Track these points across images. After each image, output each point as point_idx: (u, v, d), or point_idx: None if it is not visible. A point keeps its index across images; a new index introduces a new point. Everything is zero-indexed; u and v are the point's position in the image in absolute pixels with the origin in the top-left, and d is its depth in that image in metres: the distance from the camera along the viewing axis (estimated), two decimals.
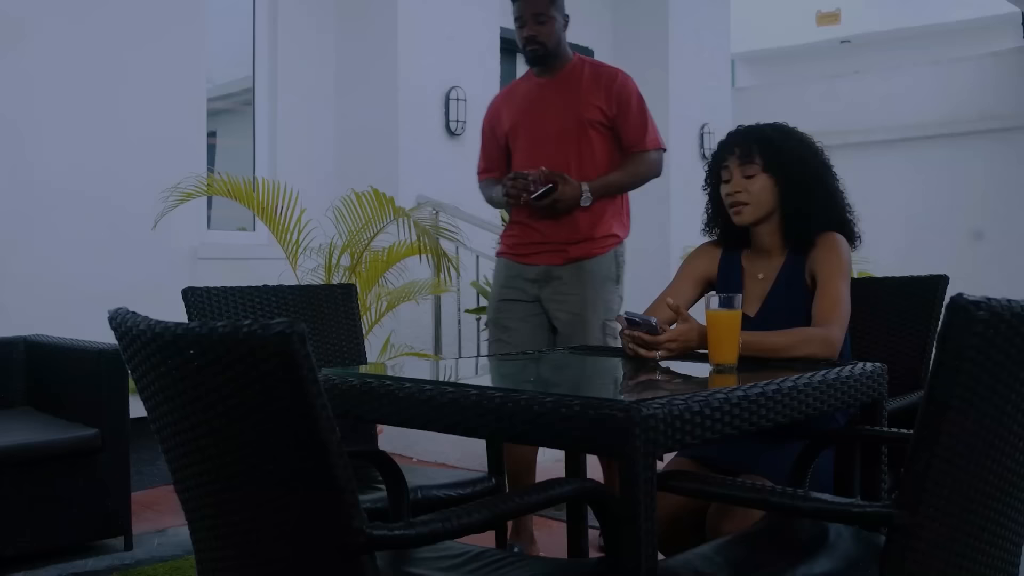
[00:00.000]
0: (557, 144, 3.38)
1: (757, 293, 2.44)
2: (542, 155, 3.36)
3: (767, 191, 2.39)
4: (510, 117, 3.50)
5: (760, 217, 2.41)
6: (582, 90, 3.42)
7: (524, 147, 3.45)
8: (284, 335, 1.21)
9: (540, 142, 3.41)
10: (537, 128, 3.45)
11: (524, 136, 3.47)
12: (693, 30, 7.26)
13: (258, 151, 5.55)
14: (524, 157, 3.43)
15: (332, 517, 1.27)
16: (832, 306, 2.28)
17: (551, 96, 3.45)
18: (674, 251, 7.16)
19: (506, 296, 3.45)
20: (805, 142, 2.46)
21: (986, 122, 7.85)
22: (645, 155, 3.52)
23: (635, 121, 3.46)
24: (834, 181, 2.45)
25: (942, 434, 1.37)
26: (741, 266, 2.50)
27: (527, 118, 3.48)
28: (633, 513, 1.43)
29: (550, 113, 3.43)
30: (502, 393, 1.63)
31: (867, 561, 1.75)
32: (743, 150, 2.41)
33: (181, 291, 2.78)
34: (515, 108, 3.52)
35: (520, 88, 3.59)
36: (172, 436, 1.48)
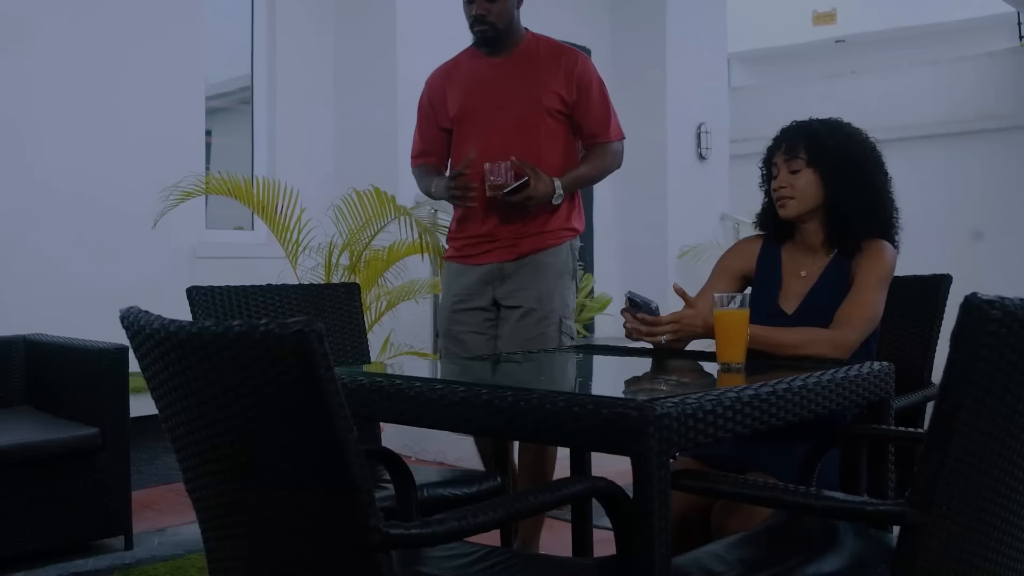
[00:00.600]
0: (515, 133, 3.08)
1: (797, 290, 2.43)
2: (496, 145, 3.06)
3: (812, 186, 2.38)
4: (458, 99, 3.17)
5: (804, 211, 2.40)
6: (540, 73, 3.14)
7: (475, 134, 3.12)
8: (302, 334, 1.21)
9: (495, 130, 3.10)
10: (491, 114, 3.13)
11: (476, 122, 3.14)
12: (691, 30, 7.27)
13: (257, 150, 5.54)
14: (475, 146, 3.09)
15: (348, 516, 1.27)
16: (854, 311, 2.28)
17: (506, 78, 3.14)
18: (671, 251, 7.17)
19: (459, 306, 3.17)
20: (856, 139, 2.42)
21: (983, 122, 7.87)
22: (609, 146, 3.23)
23: (597, 109, 3.18)
24: (883, 181, 2.41)
25: (955, 433, 1.37)
26: (781, 261, 2.50)
27: (479, 102, 3.15)
28: (647, 512, 1.43)
29: (506, 98, 3.12)
30: (513, 392, 1.63)
31: (875, 559, 1.75)
32: (789, 145, 2.41)
33: (185, 290, 2.77)
34: (463, 89, 3.18)
35: (466, 66, 3.23)
36: (185, 435, 1.47)
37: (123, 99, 4.77)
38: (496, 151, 3.02)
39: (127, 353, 3.58)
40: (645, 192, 7.23)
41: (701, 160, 7.39)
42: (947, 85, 8.13)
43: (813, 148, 2.39)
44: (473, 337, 3.15)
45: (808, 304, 2.39)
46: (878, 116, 7.14)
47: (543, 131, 3.11)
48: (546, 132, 3.11)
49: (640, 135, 7.28)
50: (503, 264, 3.12)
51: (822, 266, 2.43)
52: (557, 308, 3.13)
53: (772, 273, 2.49)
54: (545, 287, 3.11)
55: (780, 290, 2.45)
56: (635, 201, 7.28)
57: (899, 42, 9.88)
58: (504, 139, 3.07)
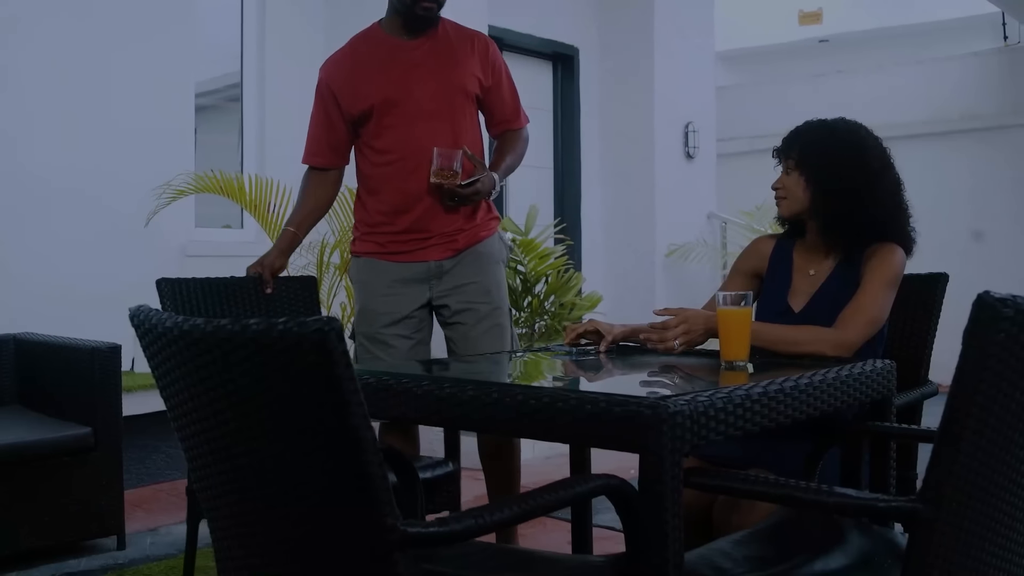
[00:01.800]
0: (441, 120, 2.91)
1: (805, 289, 2.46)
2: (417, 135, 2.89)
3: (799, 188, 2.42)
4: (376, 89, 2.93)
5: (796, 212, 2.45)
6: (457, 56, 2.97)
7: (399, 123, 2.91)
8: (322, 332, 1.21)
9: (420, 117, 2.90)
10: (416, 101, 2.91)
11: (400, 110, 2.91)
12: (679, 29, 7.28)
13: (246, 148, 5.52)
14: (395, 139, 2.91)
15: (366, 515, 1.27)
16: (857, 309, 2.29)
17: (428, 62, 2.95)
18: (658, 249, 7.18)
19: (387, 307, 2.95)
20: (849, 145, 2.40)
21: (968, 122, 7.93)
22: (521, 132, 3.12)
23: (509, 94, 3.07)
24: (880, 187, 2.39)
25: (966, 430, 1.38)
26: (792, 259, 2.52)
27: (402, 89, 2.92)
28: (660, 509, 1.44)
29: (430, 83, 2.93)
30: (523, 391, 1.63)
31: (882, 556, 1.77)
32: (785, 146, 2.47)
33: (155, 281, 2.90)
34: (380, 77, 2.94)
35: (377, 51, 2.99)
36: (197, 434, 1.47)
37: (113, 96, 4.74)
38: (421, 141, 2.87)
39: (119, 352, 3.56)
40: (633, 191, 7.24)
41: (689, 159, 7.41)
42: (932, 85, 8.19)
43: (802, 152, 2.42)
44: (403, 341, 2.94)
45: (815, 303, 2.41)
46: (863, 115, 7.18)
47: (466, 118, 2.98)
48: (468, 119, 2.99)
49: (628, 134, 7.32)
50: (441, 262, 2.95)
51: (831, 266, 2.45)
52: (505, 298, 3.05)
53: (783, 270, 2.52)
54: (492, 279, 3.00)
55: (789, 288, 2.47)
56: (623, 200, 7.29)
57: (884, 42, 9.94)
58: (430, 127, 2.90)
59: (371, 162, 2.99)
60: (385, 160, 2.95)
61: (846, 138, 2.43)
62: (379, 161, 2.96)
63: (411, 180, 2.90)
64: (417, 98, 2.92)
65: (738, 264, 2.61)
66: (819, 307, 2.38)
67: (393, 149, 2.93)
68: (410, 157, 2.89)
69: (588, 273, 7.02)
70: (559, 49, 7.09)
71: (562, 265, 5.34)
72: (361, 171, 3.05)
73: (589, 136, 7.26)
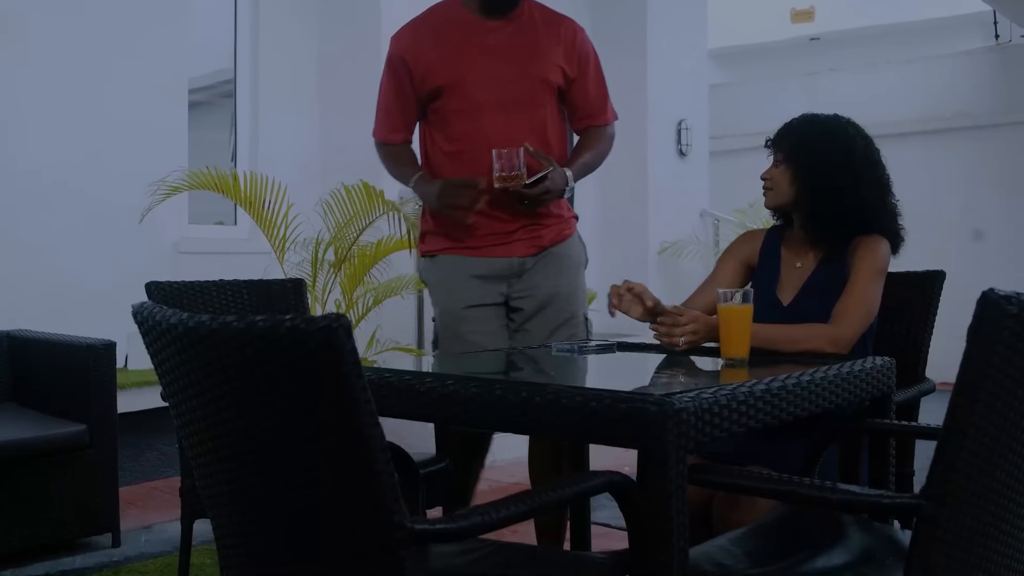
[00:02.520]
0: (515, 112, 2.68)
1: (793, 282, 2.47)
2: (488, 128, 2.66)
3: (786, 181, 2.44)
4: (448, 66, 2.68)
5: (781, 204, 2.47)
6: (541, 43, 2.74)
7: (464, 112, 2.68)
8: (330, 329, 1.20)
9: (492, 109, 2.67)
10: (489, 89, 2.68)
11: (469, 97, 2.68)
12: (671, 27, 7.29)
13: (240, 145, 5.50)
14: (464, 129, 2.68)
15: (373, 512, 1.27)
16: (851, 306, 2.30)
17: (506, 47, 2.71)
18: (651, 247, 7.19)
19: (472, 301, 2.71)
20: (838, 140, 2.43)
21: (960, 120, 7.95)
22: (606, 129, 2.91)
23: (596, 86, 2.85)
24: (866, 181, 2.41)
25: (970, 426, 1.39)
26: (780, 252, 2.53)
27: (474, 72, 2.68)
28: (666, 506, 1.44)
29: (507, 71, 2.69)
30: (528, 388, 1.63)
31: (883, 552, 1.77)
32: (777, 138, 2.49)
33: (144, 285, 2.86)
34: (454, 54, 2.70)
35: (454, 25, 2.74)
36: (200, 431, 1.46)
37: (106, 92, 4.72)
38: (492, 134, 2.64)
39: (114, 349, 3.56)
40: (626, 188, 7.24)
41: (681, 157, 7.41)
42: (924, 83, 8.21)
43: (791, 146, 2.44)
44: (487, 339, 2.70)
45: (804, 296, 2.42)
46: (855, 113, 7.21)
47: (548, 112, 2.75)
48: (551, 113, 2.76)
49: (621, 132, 7.26)
50: (524, 259, 2.74)
51: (816, 259, 2.47)
52: (583, 305, 2.85)
53: (772, 263, 2.54)
54: (569, 283, 2.80)
55: (778, 281, 2.49)
56: (616, 197, 7.29)
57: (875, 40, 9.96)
58: (505, 120, 2.67)
59: (440, 149, 2.75)
60: (454, 149, 2.71)
61: (835, 136, 2.45)
62: (448, 149, 2.72)
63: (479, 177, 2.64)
64: (489, 86, 2.67)
65: (733, 249, 2.61)
66: (808, 300, 2.39)
67: (461, 138, 2.69)
68: (479, 151, 2.63)
69: None
70: None
71: None
72: (428, 156, 2.81)
73: None
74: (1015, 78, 7.87)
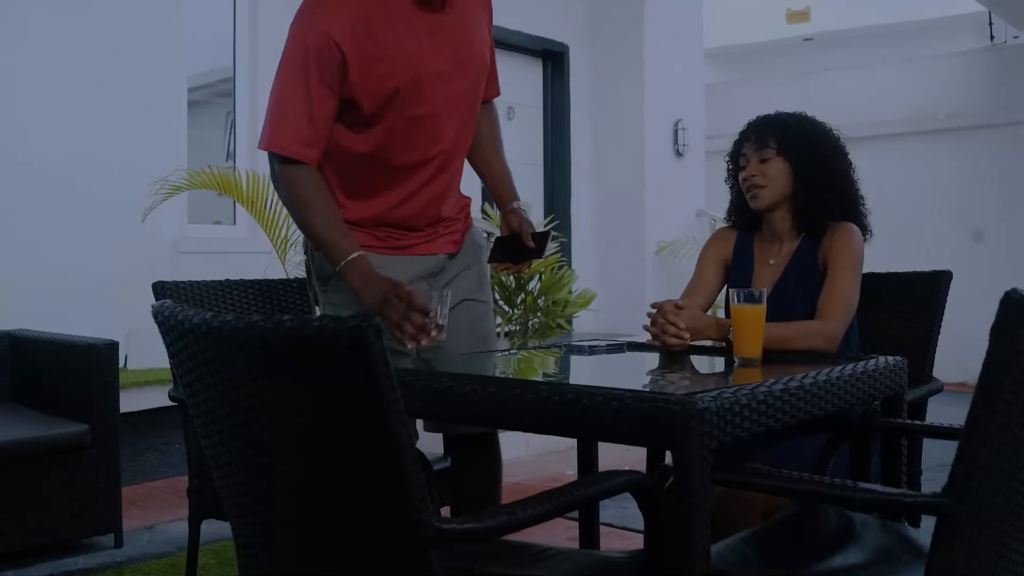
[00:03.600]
0: (466, 113, 2.33)
1: (767, 278, 2.49)
2: (446, 131, 2.28)
3: (783, 174, 2.45)
4: (404, 63, 2.17)
5: (776, 200, 2.47)
6: (475, 19, 2.33)
7: (419, 120, 2.22)
8: (361, 328, 1.20)
9: (445, 113, 2.27)
10: (444, 91, 2.25)
11: (425, 102, 2.21)
12: (668, 27, 7.31)
13: (238, 144, 5.49)
14: (424, 139, 2.25)
15: (401, 511, 1.27)
16: (836, 299, 2.33)
17: (452, 36, 2.26)
18: (648, 246, 7.21)
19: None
20: (819, 128, 2.51)
21: (955, 120, 7.99)
22: (493, 104, 2.55)
23: (492, 51, 2.44)
24: (848, 169, 2.50)
25: (993, 425, 1.40)
26: (753, 250, 2.55)
27: (429, 70, 2.20)
28: (689, 505, 1.44)
29: (457, 65, 2.27)
30: (547, 387, 1.64)
31: (900, 550, 1.78)
32: (758, 135, 2.48)
33: (151, 284, 2.84)
34: (406, 48, 2.18)
35: (392, 12, 2.18)
36: (223, 431, 1.46)
37: (105, 90, 4.71)
38: (448, 144, 2.30)
39: (117, 349, 3.55)
40: (623, 188, 7.27)
41: (678, 156, 7.43)
42: (920, 83, 8.25)
43: (782, 137, 2.46)
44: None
45: (778, 291, 2.44)
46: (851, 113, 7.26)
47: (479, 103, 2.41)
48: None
49: (618, 131, 7.34)
50: (450, 255, 2.42)
51: (789, 252, 2.49)
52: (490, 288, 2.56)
53: (745, 262, 2.56)
54: (483, 270, 2.50)
55: (752, 278, 2.50)
56: (613, 197, 7.31)
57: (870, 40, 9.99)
58: (455, 123, 2.30)
59: (356, 151, 2.26)
60: (408, 162, 2.28)
61: (812, 121, 2.52)
62: (399, 163, 2.28)
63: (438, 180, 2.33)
64: (446, 86, 2.25)
65: (709, 251, 2.62)
66: (783, 294, 2.40)
67: (417, 148, 2.27)
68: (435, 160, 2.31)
69: (578, 270, 7.03)
70: (549, 46, 7.09)
71: (555, 262, 5.35)
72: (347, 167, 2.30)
73: (579, 133, 7.27)
74: (1010, 79, 7.91)
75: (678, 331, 2.15)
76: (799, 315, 2.33)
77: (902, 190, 7.31)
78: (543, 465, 4.97)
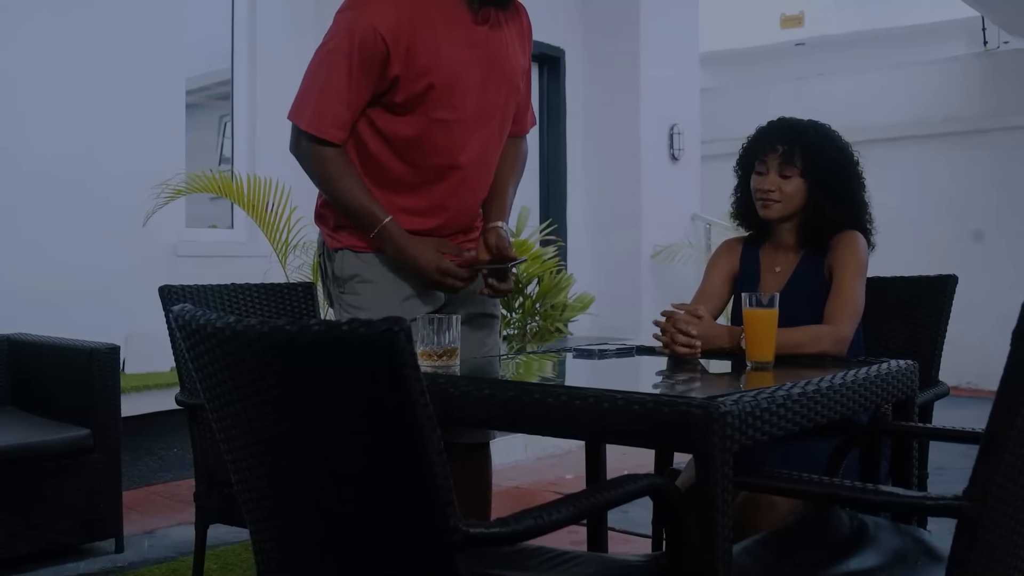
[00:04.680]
0: (495, 129, 2.40)
1: (774, 286, 2.49)
2: (472, 141, 2.33)
3: (800, 192, 2.45)
4: (444, 62, 2.24)
5: (786, 215, 2.47)
6: (513, 45, 2.40)
7: (448, 125, 2.28)
8: (391, 332, 1.20)
9: (474, 122, 2.32)
10: (476, 101, 2.31)
11: (455, 107, 2.28)
12: (663, 31, 7.32)
13: (237, 147, 5.48)
14: (446, 143, 2.30)
15: (428, 515, 1.27)
16: (844, 304, 2.34)
17: (489, 51, 2.33)
18: (644, 251, 7.22)
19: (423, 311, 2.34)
20: (843, 150, 2.49)
21: (949, 125, 8.03)
22: (523, 141, 2.58)
23: (528, 83, 2.49)
24: (862, 191, 2.49)
25: (1015, 428, 1.41)
26: (759, 259, 2.56)
27: (466, 77, 2.28)
28: (711, 508, 1.45)
29: (490, 80, 2.33)
30: (566, 391, 1.64)
31: (915, 553, 1.79)
32: (787, 150, 2.44)
33: (158, 288, 2.85)
34: (447, 47, 2.25)
35: (440, 16, 2.26)
36: (245, 434, 1.46)
37: (104, 93, 4.70)
38: (475, 155, 2.35)
39: (118, 353, 3.53)
40: (619, 192, 7.28)
41: (673, 161, 7.45)
42: (914, 88, 8.29)
43: (809, 158, 2.43)
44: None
45: (784, 298, 2.43)
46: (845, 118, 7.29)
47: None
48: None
49: (614, 136, 7.35)
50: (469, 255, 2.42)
51: (795, 261, 2.51)
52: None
53: (752, 271, 2.57)
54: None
55: (759, 287, 2.51)
56: (609, 201, 7.32)
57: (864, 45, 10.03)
58: (483, 142, 2.37)
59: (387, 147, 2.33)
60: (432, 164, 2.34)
61: (834, 140, 2.49)
62: (422, 164, 2.34)
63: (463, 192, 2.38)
64: (481, 98, 2.32)
65: (717, 261, 2.62)
66: (789, 301, 2.40)
67: (442, 153, 2.32)
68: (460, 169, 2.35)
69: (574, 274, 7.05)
70: (545, 51, 7.10)
71: (554, 267, 5.35)
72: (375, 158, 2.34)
73: (575, 138, 7.28)
74: (1003, 84, 7.96)
75: (690, 340, 2.15)
76: (805, 322, 2.34)
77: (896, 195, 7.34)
78: (542, 469, 4.98)
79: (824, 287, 2.42)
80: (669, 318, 2.21)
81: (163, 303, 2.84)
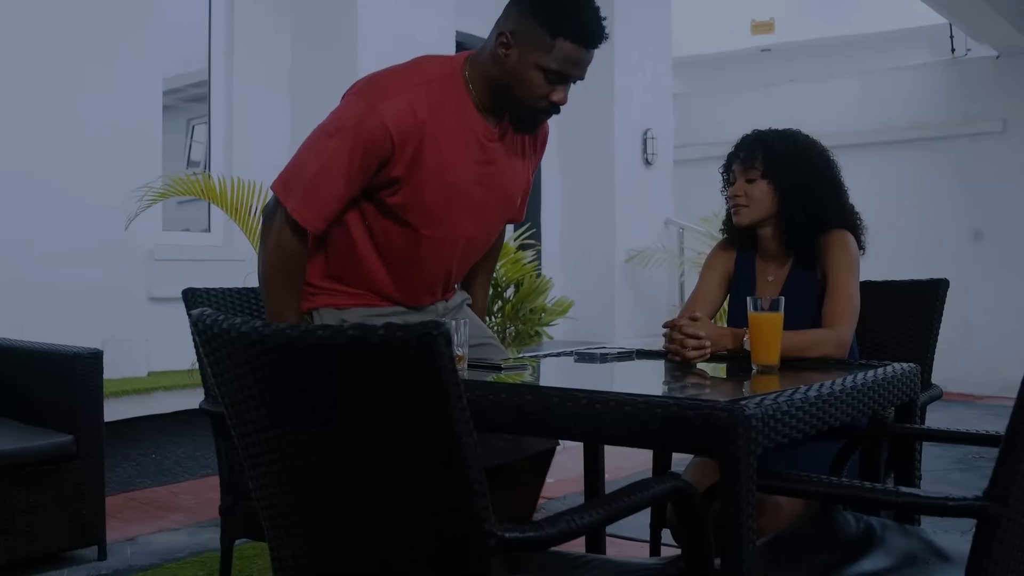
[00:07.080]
0: (483, 243, 2.48)
1: (771, 291, 2.51)
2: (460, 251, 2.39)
3: (766, 196, 2.47)
4: (450, 181, 2.25)
5: (757, 219, 2.50)
6: (524, 152, 2.42)
7: (438, 239, 2.31)
8: (431, 336, 1.20)
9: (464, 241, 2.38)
10: (473, 222, 2.37)
11: (450, 227, 2.31)
12: (636, 37, 7.36)
13: (213, 150, 5.43)
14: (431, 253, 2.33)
15: (464, 520, 1.26)
16: (842, 306, 2.36)
17: (500, 171, 2.35)
18: (618, 255, 7.24)
19: None
20: (809, 150, 2.52)
21: (916, 131, 8.14)
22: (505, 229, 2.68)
23: (529, 186, 2.50)
24: (835, 190, 2.51)
25: None
26: (754, 266, 2.57)
27: (468, 200, 2.31)
28: (736, 511, 1.46)
29: (493, 201, 2.38)
30: (586, 395, 1.64)
31: (925, 554, 1.81)
32: (747, 155, 2.50)
33: (181, 292, 2.79)
34: (456, 170, 2.25)
35: (453, 118, 2.23)
36: (269, 440, 1.44)
37: (81, 96, 4.64)
38: (460, 258, 2.41)
39: (101, 358, 3.48)
40: (593, 197, 7.30)
41: (647, 166, 7.48)
42: (882, 95, 8.39)
43: (768, 159, 2.48)
44: None
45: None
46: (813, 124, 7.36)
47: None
48: None
49: (587, 141, 7.36)
50: (447, 301, 2.53)
51: (786, 268, 2.53)
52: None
53: (747, 277, 2.58)
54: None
55: (755, 292, 2.52)
56: (583, 206, 7.34)
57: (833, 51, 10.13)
58: (468, 249, 2.42)
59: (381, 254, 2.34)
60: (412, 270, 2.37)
61: (802, 142, 2.53)
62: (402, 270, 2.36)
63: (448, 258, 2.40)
64: (476, 210, 2.34)
65: (713, 263, 2.64)
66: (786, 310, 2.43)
67: (423, 264, 2.36)
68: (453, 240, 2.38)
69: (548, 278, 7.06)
70: None
71: (533, 271, 5.36)
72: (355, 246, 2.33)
73: (549, 143, 7.26)
74: (970, 91, 8.08)
75: (699, 342, 2.16)
76: (802, 327, 2.35)
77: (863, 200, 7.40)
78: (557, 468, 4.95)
79: (818, 290, 2.44)
80: (672, 327, 2.22)
81: (188, 306, 2.73)
